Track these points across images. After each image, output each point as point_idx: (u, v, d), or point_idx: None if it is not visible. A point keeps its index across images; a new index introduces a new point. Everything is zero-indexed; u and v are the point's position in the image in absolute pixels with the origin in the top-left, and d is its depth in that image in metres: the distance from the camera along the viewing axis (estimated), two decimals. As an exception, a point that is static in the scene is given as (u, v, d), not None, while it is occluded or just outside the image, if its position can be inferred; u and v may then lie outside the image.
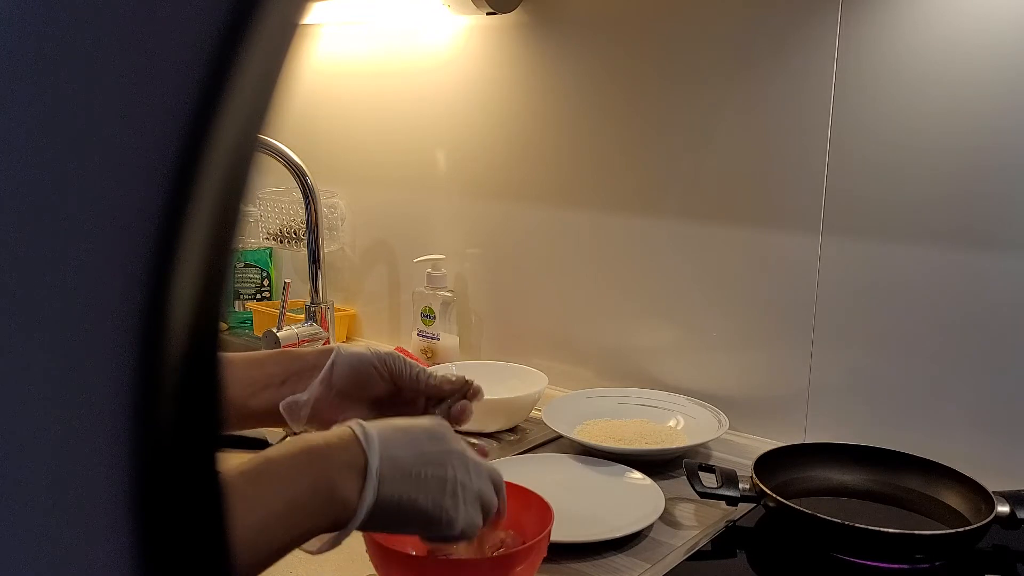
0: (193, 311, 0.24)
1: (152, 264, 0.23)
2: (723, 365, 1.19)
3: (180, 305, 0.24)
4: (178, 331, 0.24)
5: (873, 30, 1.00)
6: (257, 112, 0.25)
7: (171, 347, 0.24)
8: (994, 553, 0.87)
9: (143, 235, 0.22)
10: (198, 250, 0.24)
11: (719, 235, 1.16)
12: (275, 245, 1.65)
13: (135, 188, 0.22)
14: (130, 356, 0.23)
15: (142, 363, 0.23)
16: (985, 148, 0.95)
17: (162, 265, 0.23)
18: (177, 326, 0.24)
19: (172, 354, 0.24)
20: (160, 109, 0.22)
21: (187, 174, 0.23)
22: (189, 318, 0.24)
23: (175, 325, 0.24)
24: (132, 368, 0.23)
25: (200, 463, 0.26)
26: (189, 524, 0.25)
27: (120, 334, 0.23)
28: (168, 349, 0.24)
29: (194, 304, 0.24)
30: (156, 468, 0.24)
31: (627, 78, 1.21)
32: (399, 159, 1.50)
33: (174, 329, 0.24)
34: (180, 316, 0.24)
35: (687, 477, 0.92)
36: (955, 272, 0.99)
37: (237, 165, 0.25)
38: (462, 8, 1.27)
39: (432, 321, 1.40)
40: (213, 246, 0.24)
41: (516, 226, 1.37)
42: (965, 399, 1.00)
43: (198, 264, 0.24)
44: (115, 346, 0.23)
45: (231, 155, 0.24)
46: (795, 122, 1.07)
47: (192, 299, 0.24)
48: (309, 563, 0.84)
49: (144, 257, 0.23)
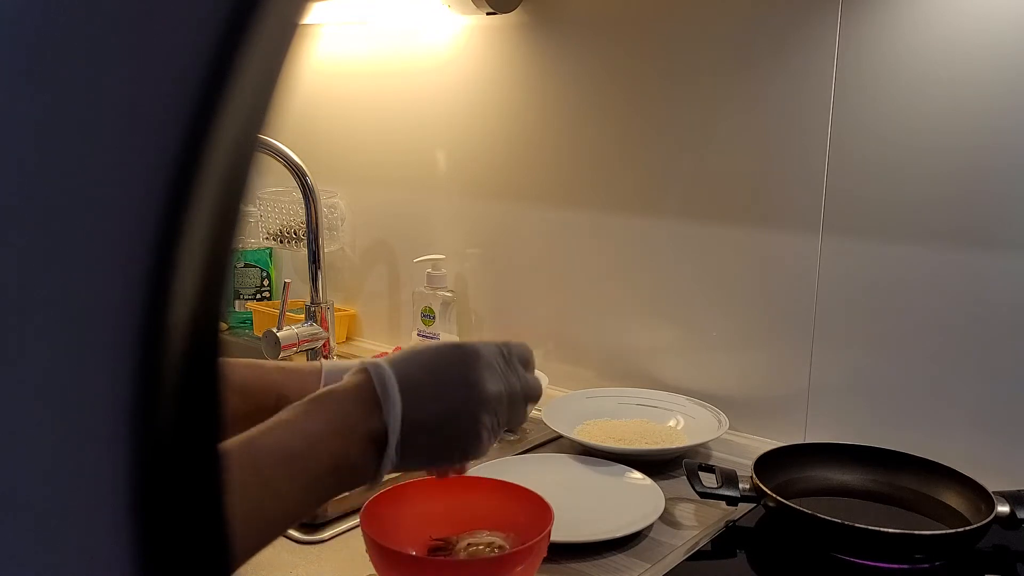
0: (193, 311, 0.24)
1: (152, 264, 0.23)
2: (723, 365, 1.19)
3: (180, 305, 0.24)
4: (178, 331, 0.24)
5: (873, 30, 1.00)
6: (257, 112, 0.25)
7: (171, 347, 0.24)
8: (994, 553, 0.87)
9: (143, 235, 0.22)
10: (198, 250, 0.24)
11: (719, 235, 1.16)
12: (275, 245, 1.65)
13: (135, 188, 0.22)
14: (130, 356, 0.23)
15: (142, 363, 0.23)
16: (985, 148, 0.95)
17: (162, 265, 0.23)
18: (177, 326, 0.24)
19: (172, 354, 0.24)
20: (160, 109, 0.22)
21: (187, 174, 0.23)
22: (189, 318, 0.24)
23: (175, 325, 0.24)
24: (132, 368, 0.23)
25: (200, 463, 0.26)
26: (189, 524, 0.25)
27: (120, 334, 0.23)
28: (168, 349, 0.24)
29: (194, 304, 0.24)
30: (156, 468, 0.24)
31: (627, 78, 1.21)
32: (399, 159, 1.50)
33: (174, 329, 0.24)
34: (180, 316, 0.24)
35: (687, 477, 0.92)
36: (955, 272, 0.99)
37: (237, 165, 0.25)
38: (462, 8, 1.27)
39: (432, 321, 1.40)
40: (213, 246, 0.24)
41: (516, 226, 1.37)
42: (965, 399, 1.00)
43: (198, 264, 0.24)
44: (115, 346, 0.23)
45: (231, 155, 0.24)
46: (795, 122, 1.07)
47: (192, 299, 0.24)
48: (309, 563, 0.84)
49: (144, 257, 0.23)
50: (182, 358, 0.24)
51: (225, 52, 0.23)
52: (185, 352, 0.24)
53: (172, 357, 0.24)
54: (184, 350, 0.24)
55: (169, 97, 0.22)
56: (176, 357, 0.24)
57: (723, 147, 1.14)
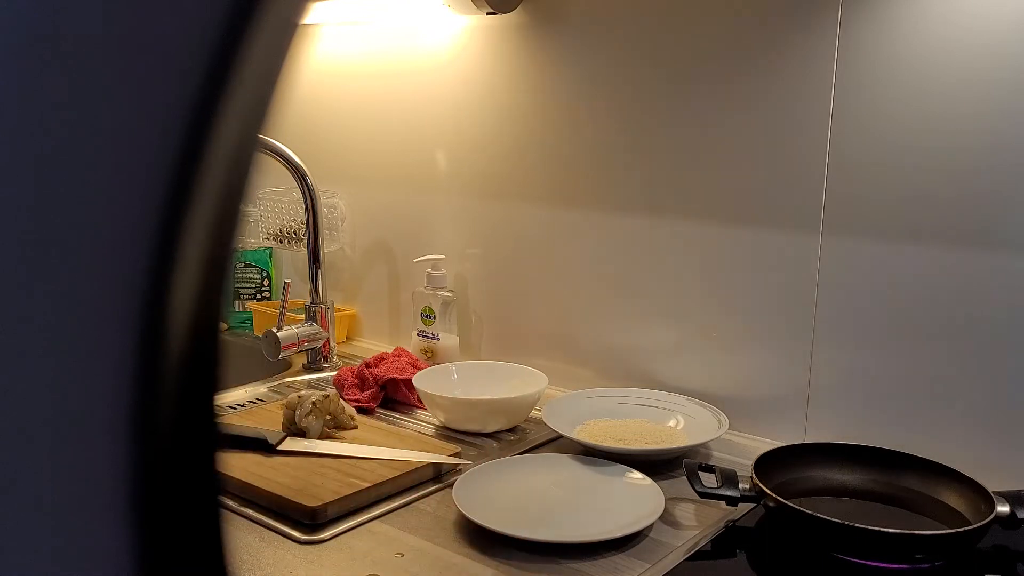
0: (193, 311, 0.24)
1: (153, 264, 0.23)
2: (723, 365, 1.19)
3: (180, 305, 0.24)
4: (178, 331, 0.24)
5: (873, 30, 1.00)
6: (257, 112, 0.25)
7: (171, 347, 0.24)
8: (994, 553, 0.87)
9: (144, 235, 0.22)
10: (198, 250, 0.24)
11: (719, 235, 1.16)
12: (275, 245, 1.65)
13: (136, 188, 0.22)
14: (130, 356, 0.23)
15: (142, 363, 0.23)
16: (985, 148, 0.95)
17: (162, 265, 0.23)
18: (177, 326, 0.24)
19: (172, 355, 0.24)
20: (160, 109, 0.22)
21: (188, 174, 0.23)
22: (189, 318, 0.24)
23: (175, 325, 0.24)
24: (132, 368, 0.23)
25: (200, 463, 0.26)
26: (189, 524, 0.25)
27: (121, 334, 0.23)
28: (168, 350, 0.24)
29: (194, 304, 0.24)
30: (156, 468, 0.24)
31: (627, 78, 1.21)
32: (399, 159, 1.50)
33: (174, 329, 0.24)
34: (180, 316, 0.24)
35: (687, 477, 0.92)
36: (955, 272, 0.99)
37: (237, 165, 0.25)
38: (462, 8, 1.27)
39: (432, 321, 1.40)
40: (213, 246, 0.24)
41: (516, 226, 1.37)
42: (965, 399, 1.00)
43: (198, 264, 0.24)
44: (115, 346, 0.23)
45: (231, 155, 0.24)
46: (795, 122, 1.07)
47: (192, 299, 0.24)
48: (309, 563, 0.84)
49: (145, 257, 0.23)
50: (182, 359, 0.24)
51: (225, 52, 0.23)
52: (185, 353, 0.24)
53: (172, 358, 0.24)
54: (184, 351, 0.24)
55: (169, 97, 0.22)
56: (176, 358, 0.24)
57: (723, 147, 1.14)
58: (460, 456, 1.05)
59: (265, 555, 0.86)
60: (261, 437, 1.05)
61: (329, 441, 1.07)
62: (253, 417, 1.16)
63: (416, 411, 1.24)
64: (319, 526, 0.90)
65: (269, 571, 0.83)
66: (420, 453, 1.03)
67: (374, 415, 1.22)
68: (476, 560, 0.84)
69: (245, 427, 1.09)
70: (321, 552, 0.86)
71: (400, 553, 0.85)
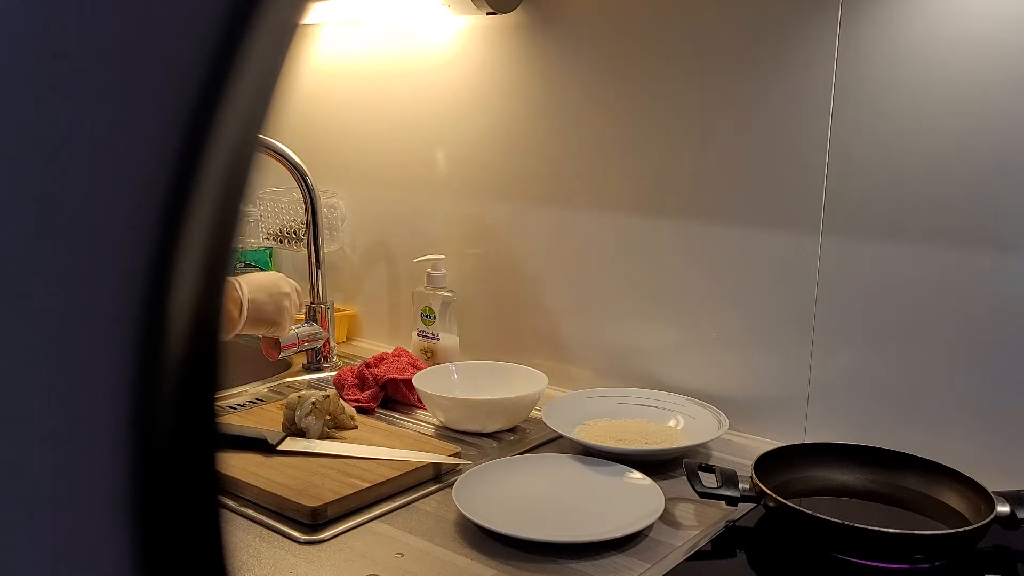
0: (193, 311, 0.24)
1: (153, 264, 0.23)
2: (723, 365, 1.19)
3: (180, 306, 0.24)
4: (178, 332, 0.24)
5: (873, 30, 1.00)
6: (257, 112, 0.25)
7: (171, 348, 0.24)
8: (994, 553, 0.87)
9: (144, 235, 0.22)
10: (198, 250, 0.24)
11: (719, 235, 1.16)
12: (275, 245, 1.65)
13: (136, 188, 0.22)
14: (130, 357, 0.23)
15: (142, 364, 0.23)
16: (985, 148, 0.95)
17: (162, 266, 0.23)
18: (177, 327, 0.24)
19: (172, 355, 0.24)
20: (160, 109, 0.22)
21: (187, 174, 0.23)
22: (189, 319, 0.24)
23: (175, 326, 0.24)
24: (132, 369, 0.23)
25: (200, 464, 0.26)
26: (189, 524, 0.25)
27: (120, 335, 0.23)
28: (168, 350, 0.24)
29: (194, 304, 0.24)
30: (156, 469, 0.24)
31: (627, 78, 1.21)
32: (399, 159, 1.50)
33: (174, 330, 0.24)
34: (180, 317, 0.24)
35: (687, 477, 0.92)
36: (955, 272, 0.99)
37: (237, 165, 0.25)
38: (462, 8, 1.27)
39: (432, 321, 1.40)
40: (213, 246, 0.24)
41: (516, 226, 1.37)
42: (965, 399, 1.00)
43: (198, 264, 0.24)
44: (115, 347, 0.23)
45: (231, 155, 0.24)
46: (795, 122, 1.07)
47: (192, 299, 0.24)
48: (309, 563, 0.84)
49: (145, 257, 0.23)
50: (182, 359, 0.24)
51: (225, 52, 0.23)
52: (185, 353, 0.24)
53: (172, 358, 0.24)
54: (184, 351, 0.24)
55: (169, 97, 0.22)
56: (176, 358, 0.24)
57: (723, 147, 1.14)
58: (460, 456, 1.05)
59: (265, 555, 0.86)
60: (261, 437, 1.05)
61: (329, 441, 1.07)
62: (253, 417, 1.16)
63: (416, 411, 1.24)
64: (319, 526, 0.90)
65: (269, 571, 0.83)
66: (420, 453, 1.03)
67: (374, 415, 1.22)
68: (476, 560, 0.84)
69: (245, 427, 1.09)
70: (321, 552, 0.86)
71: (400, 553, 0.85)
